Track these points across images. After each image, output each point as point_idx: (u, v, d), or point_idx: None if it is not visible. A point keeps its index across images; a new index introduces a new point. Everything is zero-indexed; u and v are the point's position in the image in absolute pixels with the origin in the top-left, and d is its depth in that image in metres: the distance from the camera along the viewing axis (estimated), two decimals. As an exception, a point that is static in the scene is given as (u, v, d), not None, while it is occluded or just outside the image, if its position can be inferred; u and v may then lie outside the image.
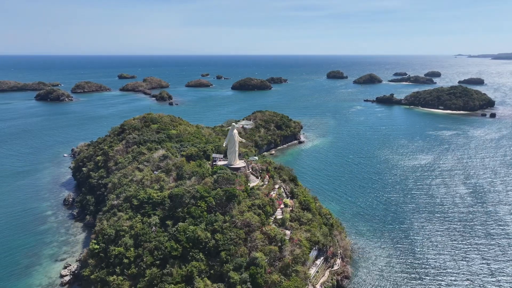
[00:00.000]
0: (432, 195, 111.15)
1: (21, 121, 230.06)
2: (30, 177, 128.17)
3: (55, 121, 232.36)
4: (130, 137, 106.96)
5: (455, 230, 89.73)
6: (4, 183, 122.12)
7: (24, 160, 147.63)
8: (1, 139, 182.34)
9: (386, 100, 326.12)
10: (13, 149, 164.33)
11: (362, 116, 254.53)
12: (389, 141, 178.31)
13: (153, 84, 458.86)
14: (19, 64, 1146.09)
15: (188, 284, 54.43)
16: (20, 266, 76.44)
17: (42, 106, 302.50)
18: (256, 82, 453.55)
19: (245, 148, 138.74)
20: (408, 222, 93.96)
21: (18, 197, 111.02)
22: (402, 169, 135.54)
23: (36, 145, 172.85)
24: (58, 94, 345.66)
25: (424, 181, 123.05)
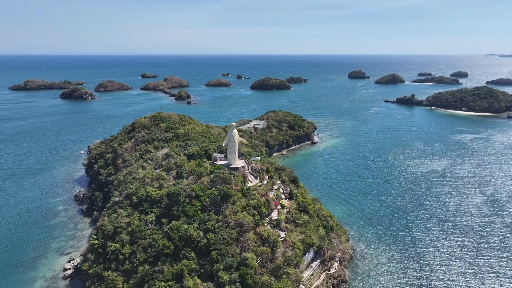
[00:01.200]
0: (444, 203, 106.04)
1: (43, 119, 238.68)
2: (46, 173, 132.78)
3: (75, 119, 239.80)
4: (139, 136, 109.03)
5: (467, 242, 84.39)
6: (22, 178, 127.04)
7: (42, 157, 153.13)
8: (22, 136, 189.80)
9: (406, 101, 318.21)
10: (33, 146, 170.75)
11: (380, 117, 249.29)
12: (404, 144, 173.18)
13: (173, 83, 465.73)
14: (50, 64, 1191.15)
15: (178, 282, 54.92)
16: (27, 258, 79.38)
17: (65, 104, 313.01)
18: (275, 82, 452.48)
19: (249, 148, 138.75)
20: (416, 230, 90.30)
21: (33, 192, 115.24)
22: (415, 174, 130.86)
23: (54, 142, 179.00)
24: (82, 92, 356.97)
25: (436, 187, 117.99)
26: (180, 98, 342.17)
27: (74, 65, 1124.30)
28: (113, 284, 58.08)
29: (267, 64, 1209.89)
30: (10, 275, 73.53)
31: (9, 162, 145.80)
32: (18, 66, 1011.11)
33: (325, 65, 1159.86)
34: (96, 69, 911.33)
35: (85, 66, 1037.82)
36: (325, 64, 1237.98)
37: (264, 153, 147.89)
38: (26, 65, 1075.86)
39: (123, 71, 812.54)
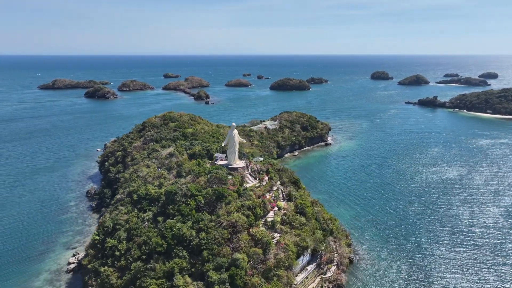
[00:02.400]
0: (457, 212, 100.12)
1: (64, 117, 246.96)
2: (62, 170, 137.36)
3: (95, 118, 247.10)
4: (148, 134, 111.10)
5: (480, 255, 78.76)
6: (39, 175, 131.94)
7: (60, 154, 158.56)
8: (43, 134, 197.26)
9: (428, 102, 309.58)
10: (52, 144, 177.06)
11: (399, 119, 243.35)
12: (420, 148, 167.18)
13: (194, 83, 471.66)
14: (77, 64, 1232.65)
15: (169, 280, 55.56)
16: (36, 252, 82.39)
17: (87, 103, 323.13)
18: (294, 82, 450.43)
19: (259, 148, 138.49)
20: (423, 238, 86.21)
21: (48, 188, 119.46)
22: (428, 180, 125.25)
23: (73, 140, 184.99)
24: (104, 92, 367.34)
25: (450, 195, 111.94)
26: (199, 98, 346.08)
27: (100, 65, 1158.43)
28: (108, 279, 59.42)
29: (289, 65, 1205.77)
30: (18, 267, 76.51)
31: (29, 159, 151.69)
32: (47, 66, 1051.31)
33: (348, 66, 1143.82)
34: (121, 69, 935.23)
35: (111, 66, 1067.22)
36: (348, 65, 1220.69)
37: (275, 153, 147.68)
38: (55, 65, 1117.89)
39: (147, 71, 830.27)
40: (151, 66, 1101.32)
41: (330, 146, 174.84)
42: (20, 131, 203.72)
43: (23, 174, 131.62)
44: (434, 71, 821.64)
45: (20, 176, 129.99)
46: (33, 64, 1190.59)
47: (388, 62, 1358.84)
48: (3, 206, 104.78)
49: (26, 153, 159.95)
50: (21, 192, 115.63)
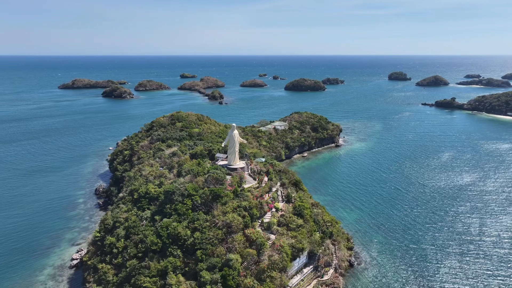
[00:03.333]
0: (468, 220, 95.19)
1: (80, 116, 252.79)
2: (74, 168, 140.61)
3: (109, 117, 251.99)
4: (155, 134, 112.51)
5: (490, 267, 74.01)
6: (51, 172, 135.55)
7: (74, 152, 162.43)
8: (58, 132, 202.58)
9: (446, 104, 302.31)
10: (66, 142, 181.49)
11: (414, 121, 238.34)
12: (433, 152, 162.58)
13: (209, 83, 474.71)
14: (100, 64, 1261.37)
15: (162, 278, 56.06)
16: (42, 247, 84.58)
17: (104, 103, 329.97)
18: (309, 83, 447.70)
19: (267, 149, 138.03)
20: (430, 246, 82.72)
21: (60, 185, 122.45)
22: (438, 185, 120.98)
23: (87, 138, 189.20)
24: (121, 91, 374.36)
25: (461, 202, 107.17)
26: (213, 98, 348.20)
27: (119, 65, 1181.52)
28: (105, 276, 60.51)
29: (307, 65, 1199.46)
30: (24, 261, 78.71)
31: (43, 157, 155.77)
32: (67, 67, 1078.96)
33: (366, 66, 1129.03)
34: (139, 69, 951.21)
35: (130, 67, 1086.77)
36: (366, 65, 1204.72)
37: (283, 154, 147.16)
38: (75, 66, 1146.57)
39: (164, 71, 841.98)
40: (169, 66, 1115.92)
41: (340, 147, 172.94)
42: (36, 129, 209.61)
43: (36, 172, 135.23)
44: (455, 72, 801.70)
45: (33, 173, 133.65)
46: (54, 65, 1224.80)
47: (407, 63, 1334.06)
48: (15, 202, 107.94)
49: (40, 151, 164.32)
50: (34, 189, 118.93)
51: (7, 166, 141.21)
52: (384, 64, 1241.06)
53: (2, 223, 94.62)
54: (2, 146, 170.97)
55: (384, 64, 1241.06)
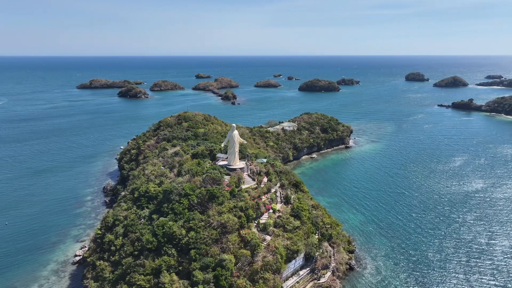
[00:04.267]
0: (477, 229, 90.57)
1: (93, 116, 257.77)
2: (85, 166, 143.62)
3: (122, 116, 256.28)
4: (161, 134, 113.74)
5: (500, 280, 70.60)
6: (62, 169, 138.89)
7: (85, 151, 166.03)
8: (72, 131, 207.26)
9: (463, 105, 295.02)
10: (79, 141, 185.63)
11: (429, 123, 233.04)
12: (445, 155, 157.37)
13: (223, 83, 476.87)
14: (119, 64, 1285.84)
15: (157, 277, 56.53)
16: (48, 242, 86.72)
17: (119, 102, 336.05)
18: (323, 83, 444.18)
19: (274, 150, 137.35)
20: (435, 253, 79.68)
21: (69, 183, 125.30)
22: (448, 191, 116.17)
23: (99, 137, 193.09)
24: (136, 91, 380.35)
25: (471, 209, 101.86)
26: (226, 98, 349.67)
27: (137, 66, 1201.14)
28: (102, 273, 61.47)
29: (322, 66, 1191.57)
30: (30, 255, 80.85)
31: (55, 155, 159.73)
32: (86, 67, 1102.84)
33: (382, 67, 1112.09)
34: (156, 69, 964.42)
35: (148, 67, 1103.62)
36: (383, 66, 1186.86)
37: (290, 155, 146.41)
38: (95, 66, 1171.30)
39: (180, 72, 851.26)
40: (185, 66, 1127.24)
41: (350, 149, 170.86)
42: (50, 128, 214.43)
43: (48, 170, 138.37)
44: (475, 72, 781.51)
45: (44, 172, 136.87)
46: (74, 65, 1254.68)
47: (425, 63, 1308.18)
48: (26, 200, 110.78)
49: (52, 150, 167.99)
50: (45, 185, 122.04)
51: (21, 164, 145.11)
52: (401, 65, 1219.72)
53: (13, 220, 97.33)
54: (16, 144, 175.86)
55: (401, 65, 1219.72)
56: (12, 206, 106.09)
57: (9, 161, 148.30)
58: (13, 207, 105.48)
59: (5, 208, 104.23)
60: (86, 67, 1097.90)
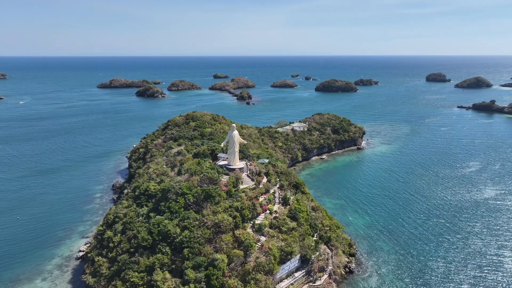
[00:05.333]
0: (486, 239, 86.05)
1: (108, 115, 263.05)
2: (98, 163, 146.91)
3: (137, 115, 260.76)
4: (169, 133, 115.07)
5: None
6: (75, 167, 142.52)
7: (99, 149, 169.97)
8: (88, 130, 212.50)
9: (484, 107, 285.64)
10: (94, 139, 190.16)
11: (446, 125, 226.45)
12: (461, 158, 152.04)
13: (240, 83, 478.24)
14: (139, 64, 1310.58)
15: (150, 274, 57.16)
16: (55, 237, 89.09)
17: (136, 102, 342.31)
18: (340, 84, 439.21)
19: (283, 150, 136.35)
20: (440, 261, 76.48)
21: (81, 180, 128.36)
22: (459, 198, 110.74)
23: (114, 136, 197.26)
24: (153, 91, 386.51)
25: (481, 218, 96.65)
26: (241, 98, 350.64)
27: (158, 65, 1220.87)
28: (99, 269, 62.68)
29: (342, 66, 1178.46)
30: (37, 250, 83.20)
31: (70, 152, 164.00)
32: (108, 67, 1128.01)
33: (403, 67, 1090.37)
34: (176, 69, 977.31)
35: (166, 67, 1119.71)
36: (404, 66, 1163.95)
37: (299, 156, 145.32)
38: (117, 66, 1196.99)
39: (199, 72, 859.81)
40: (204, 66, 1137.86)
41: (362, 150, 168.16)
42: (67, 127, 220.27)
43: (61, 168, 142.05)
44: (501, 73, 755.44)
45: (58, 169, 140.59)
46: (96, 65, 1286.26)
47: (449, 64, 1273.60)
48: (38, 195, 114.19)
49: (68, 148, 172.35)
50: (57, 183, 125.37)
51: (35, 162, 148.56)
52: (423, 65, 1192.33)
53: (25, 215, 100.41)
54: (32, 143, 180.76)
55: (423, 65, 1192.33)
56: (25, 202, 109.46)
57: (24, 159, 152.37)
58: (26, 203, 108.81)
59: (18, 204, 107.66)
60: (108, 67, 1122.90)
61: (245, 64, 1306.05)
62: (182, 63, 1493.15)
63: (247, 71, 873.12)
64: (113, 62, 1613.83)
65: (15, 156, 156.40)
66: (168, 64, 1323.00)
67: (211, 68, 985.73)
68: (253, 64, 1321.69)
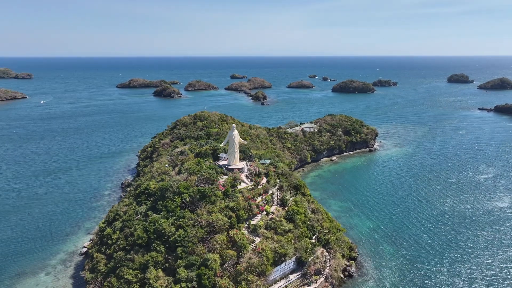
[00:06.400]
0: (496, 252, 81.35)
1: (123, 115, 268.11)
2: (109, 162, 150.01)
3: (152, 115, 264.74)
4: (176, 132, 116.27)
5: None
6: (87, 164, 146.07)
7: (113, 147, 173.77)
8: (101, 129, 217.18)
9: (507, 109, 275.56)
10: (108, 137, 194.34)
11: (464, 128, 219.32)
12: (476, 163, 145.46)
13: (256, 84, 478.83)
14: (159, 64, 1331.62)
15: (144, 272, 57.82)
16: (62, 233, 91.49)
17: (152, 102, 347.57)
18: (357, 84, 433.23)
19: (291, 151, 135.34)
20: (445, 272, 73.21)
21: (91, 177, 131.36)
22: (470, 206, 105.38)
23: (128, 134, 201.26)
24: (170, 91, 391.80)
25: (492, 229, 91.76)
26: (256, 99, 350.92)
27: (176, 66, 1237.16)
28: (97, 265, 63.89)
29: (361, 66, 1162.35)
30: (44, 244, 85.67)
31: (83, 150, 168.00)
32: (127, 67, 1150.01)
33: (425, 68, 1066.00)
34: (194, 69, 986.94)
35: (185, 67, 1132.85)
36: (425, 66, 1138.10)
37: (308, 157, 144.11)
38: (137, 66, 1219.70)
39: (216, 72, 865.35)
40: (223, 67, 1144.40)
41: (374, 152, 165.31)
42: (83, 126, 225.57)
43: (73, 165, 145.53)
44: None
45: (70, 166, 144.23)
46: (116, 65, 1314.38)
47: (473, 64, 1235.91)
48: (49, 192, 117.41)
49: (81, 146, 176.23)
50: (68, 180, 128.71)
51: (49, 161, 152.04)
52: (445, 66, 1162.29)
53: (35, 211, 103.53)
54: (47, 141, 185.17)
55: (445, 66, 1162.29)
56: (36, 199, 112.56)
57: (37, 158, 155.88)
58: (37, 200, 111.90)
59: (30, 201, 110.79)
60: (128, 67, 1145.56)
61: (263, 65, 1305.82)
62: (200, 63, 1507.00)
63: (265, 71, 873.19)
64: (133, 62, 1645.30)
65: (28, 155, 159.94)
66: (186, 65, 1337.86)
67: (229, 69, 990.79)
68: (271, 65, 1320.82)
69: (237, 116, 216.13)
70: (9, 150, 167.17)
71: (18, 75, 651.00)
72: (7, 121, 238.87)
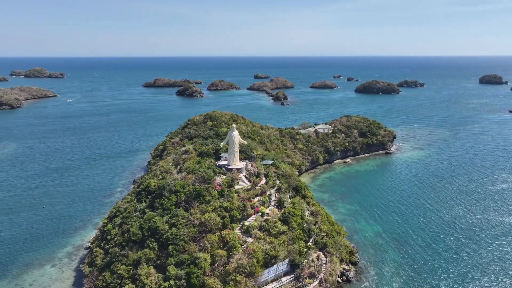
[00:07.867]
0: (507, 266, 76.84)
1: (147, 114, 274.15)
2: (124, 159, 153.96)
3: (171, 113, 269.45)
4: (186, 131, 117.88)
5: None
6: (103, 161, 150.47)
7: (129, 144, 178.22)
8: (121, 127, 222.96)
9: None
10: (127, 135, 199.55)
11: (488, 132, 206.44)
12: (496, 172, 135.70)
13: (278, 84, 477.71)
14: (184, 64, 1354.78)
15: (136, 268, 59.06)
16: (72, 227, 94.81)
17: (175, 101, 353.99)
18: (381, 85, 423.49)
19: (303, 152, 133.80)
20: (451, 284, 70.26)
21: (106, 174, 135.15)
22: (488, 217, 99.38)
23: (146, 133, 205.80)
24: (192, 91, 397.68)
25: (504, 242, 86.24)
26: (276, 99, 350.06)
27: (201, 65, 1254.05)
28: (95, 259, 65.83)
29: (388, 67, 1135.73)
30: (53, 238, 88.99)
31: (100, 148, 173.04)
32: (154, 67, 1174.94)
33: (457, 68, 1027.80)
34: (218, 69, 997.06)
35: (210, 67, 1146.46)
36: (458, 67, 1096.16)
37: (321, 159, 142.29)
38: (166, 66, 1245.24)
39: (240, 72, 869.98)
40: (247, 67, 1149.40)
41: (390, 155, 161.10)
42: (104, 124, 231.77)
43: (89, 163, 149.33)
44: None
45: (86, 163, 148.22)
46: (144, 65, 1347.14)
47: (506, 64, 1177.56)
48: (64, 188, 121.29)
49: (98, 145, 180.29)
50: (83, 177, 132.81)
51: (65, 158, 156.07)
52: (478, 66, 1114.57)
53: (50, 206, 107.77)
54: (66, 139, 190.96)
55: (478, 66, 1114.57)
56: (52, 194, 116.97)
57: (55, 155, 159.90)
58: (53, 194, 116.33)
59: (45, 197, 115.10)
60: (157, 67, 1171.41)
61: (287, 65, 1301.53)
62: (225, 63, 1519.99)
63: (289, 71, 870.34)
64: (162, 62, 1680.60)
65: (47, 153, 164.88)
66: (211, 65, 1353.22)
67: (253, 69, 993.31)
68: (296, 65, 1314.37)
69: (254, 116, 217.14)
70: (29, 148, 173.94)
71: (52, 74, 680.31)
72: (33, 118, 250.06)
